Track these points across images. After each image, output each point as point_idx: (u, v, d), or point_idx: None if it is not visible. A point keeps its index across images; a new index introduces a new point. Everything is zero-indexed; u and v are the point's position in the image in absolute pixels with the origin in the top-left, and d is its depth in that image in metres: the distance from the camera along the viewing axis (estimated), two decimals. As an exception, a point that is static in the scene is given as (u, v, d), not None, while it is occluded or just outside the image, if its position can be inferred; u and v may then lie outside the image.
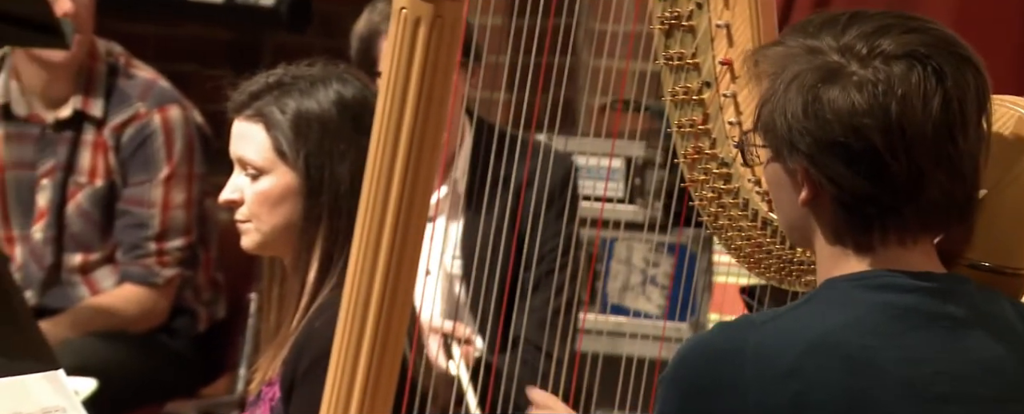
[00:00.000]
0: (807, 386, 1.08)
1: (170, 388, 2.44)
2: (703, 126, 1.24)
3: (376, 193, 1.21)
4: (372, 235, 1.22)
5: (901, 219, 1.10)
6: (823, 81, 1.09)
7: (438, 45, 1.20)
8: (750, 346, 1.09)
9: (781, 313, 1.11)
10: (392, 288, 1.23)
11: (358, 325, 1.24)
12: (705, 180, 1.25)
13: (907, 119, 1.08)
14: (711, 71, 1.24)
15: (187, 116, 2.44)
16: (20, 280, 2.31)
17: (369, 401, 1.24)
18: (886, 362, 1.09)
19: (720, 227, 1.26)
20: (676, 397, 1.11)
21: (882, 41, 1.09)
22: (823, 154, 1.09)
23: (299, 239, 1.57)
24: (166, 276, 2.41)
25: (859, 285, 1.11)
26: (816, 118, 1.08)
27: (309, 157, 1.57)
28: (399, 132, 1.20)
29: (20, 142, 2.42)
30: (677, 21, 1.24)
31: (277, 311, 1.62)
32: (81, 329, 2.36)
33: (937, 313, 1.10)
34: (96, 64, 2.41)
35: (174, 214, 2.41)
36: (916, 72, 1.08)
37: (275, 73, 1.61)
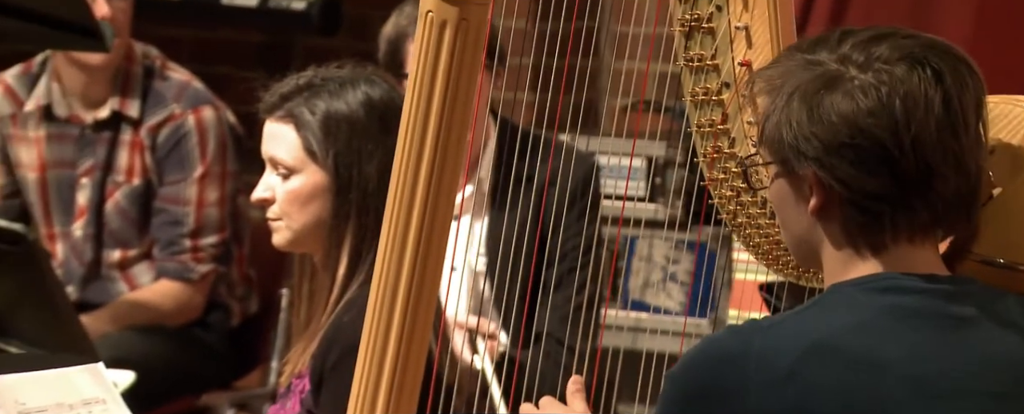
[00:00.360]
0: (807, 387, 1.08)
1: (205, 380, 2.46)
2: (722, 126, 1.24)
3: (403, 191, 1.22)
4: (399, 232, 1.23)
5: (912, 215, 1.11)
6: (825, 88, 1.10)
7: (463, 47, 1.21)
8: (754, 350, 1.09)
9: (786, 317, 1.12)
10: (418, 283, 1.23)
11: (385, 320, 1.25)
12: (724, 179, 1.25)
13: (912, 117, 1.09)
14: (730, 72, 1.24)
15: (220, 117, 2.46)
16: (61, 276, 2.34)
17: (396, 393, 1.24)
18: (888, 361, 1.09)
19: (739, 225, 1.26)
20: (680, 397, 1.11)
21: (878, 48, 1.11)
22: (831, 157, 1.10)
23: (328, 236, 1.59)
24: (201, 272, 2.43)
25: (864, 289, 1.11)
26: (822, 123, 1.10)
27: (338, 156, 1.58)
28: (425, 131, 1.21)
29: (61, 142, 2.44)
30: (697, 23, 1.24)
31: (307, 306, 1.63)
32: (120, 323, 2.38)
33: (942, 313, 1.11)
34: (133, 67, 2.43)
35: (208, 212, 2.43)
36: (916, 73, 1.10)
37: (305, 75, 1.62)
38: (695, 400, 1.10)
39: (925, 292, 1.11)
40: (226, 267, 2.47)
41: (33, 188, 2.45)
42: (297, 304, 1.65)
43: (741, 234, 1.26)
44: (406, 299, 1.23)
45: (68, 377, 1.40)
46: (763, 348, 1.09)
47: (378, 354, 1.24)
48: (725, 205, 1.25)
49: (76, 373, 1.41)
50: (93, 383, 1.42)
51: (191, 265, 2.43)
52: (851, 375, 1.08)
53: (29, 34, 2.30)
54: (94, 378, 1.42)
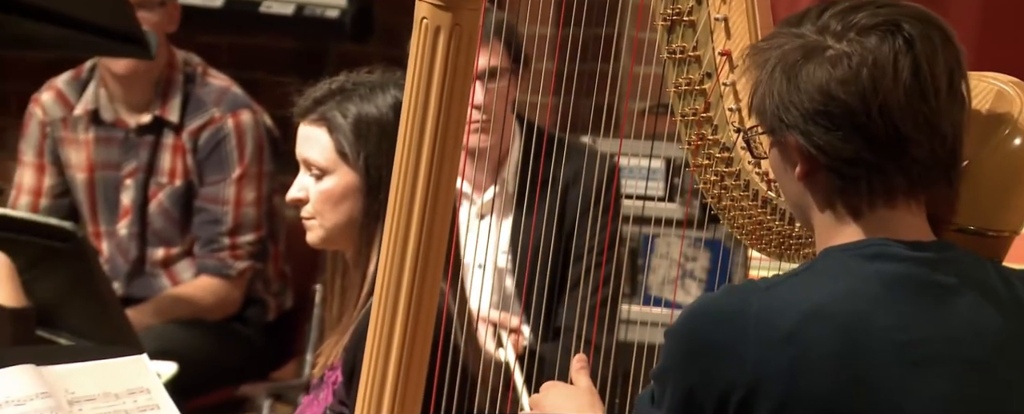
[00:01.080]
0: (804, 350, 1.09)
1: (243, 372, 2.48)
2: (705, 114, 1.25)
3: (403, 189, 1.23)
4: (401, 228, 1.23)
5: (887, 178, 1.12)
6: (804, 58, 1.12)
7: (457, 51, 1.21)
8: (753, 309, 1.10)
9: (782, 279, 1.13)
10: (421, 278, 1.23)
11: (389, 314, 1.25)
12: (708, 164, 1.26)
13: (879, 84, 1.10)
14: (711, 62, 1.24)
15: (258, 120, 2.47)
16: (108, 272, 2.36)
17: (402, 383, 1.24)
18: (878, 328, 1.10)
19: (724, 208, 1.27)
20: (680, 351, 1.12)
21: (855, 16, 1.12)
22: (809, 124, 1.11)
23: (360, 234, 1.59)
24: (239, 268, 2.45)
25: (854, 254, 1.12)
26: (799, 91, 1.11)
27: (369, 158, 1.59)
28: (423, 131, 1.22)
29: (107, 145, 2.46)
30: (678, 17, 1.24)
31: (339, 301, 1.64)
32: (163, 317, 2.40)
33: (926, 281, 1.12)
34: (174, 73, 2.45)
35: (246, 211, 2.44)
36: (887, 42, 1.11)
37: (338, 80, 1.63)
38: (695, 354, 1.11)
39: (910, 260, 1.12)
40: (263, 264, 2.48)
41: (81, 188, 2.47)
42: (330, 299, 1.66)
43: (726, 216, 1.27)
44: (409, 292, 1.23)
45: (114, 368, 1.41)
46: (762, 308, 1.10)
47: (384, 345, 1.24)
48: (710, 189, 1.26)
49: (122, 364, 1.42)
50: (138, 373, 1.42)
51: (230, 262, 2.44)
52: (843, 340, 1.09)
53: (78, 42, 2.31)
54: (139, 369, 1.43)
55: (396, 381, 1.25)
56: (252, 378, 2.47)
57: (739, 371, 1.10)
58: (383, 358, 1.25)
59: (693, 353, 1.11)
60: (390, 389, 1.25)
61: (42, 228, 1.87)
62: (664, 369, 1.13)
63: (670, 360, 1.12)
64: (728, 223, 1.27)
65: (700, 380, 1.11)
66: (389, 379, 1.25)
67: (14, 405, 1.33)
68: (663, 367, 1.13)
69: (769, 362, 1.09)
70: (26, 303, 1.75)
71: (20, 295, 1.73)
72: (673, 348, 1.12)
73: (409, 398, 1.25)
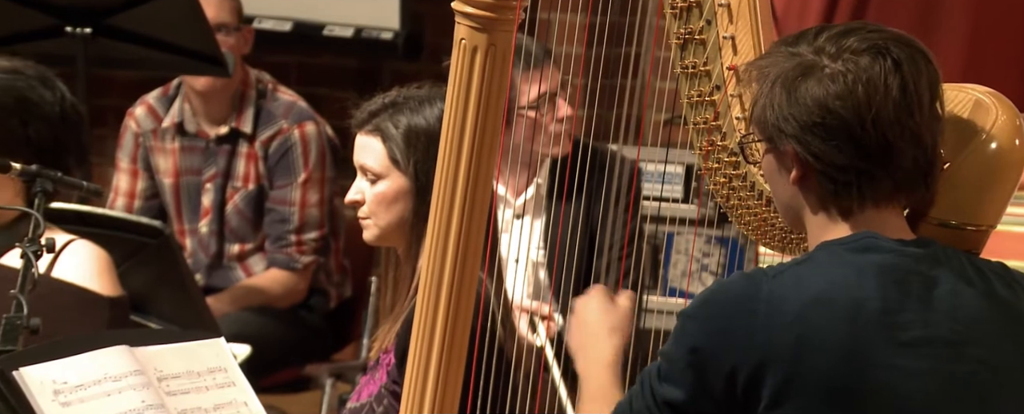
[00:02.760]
0: (809, 331, 1.11)
1: (307, 354, 2.50)
2: (715, 122, 1.27)
3: (444, 189, 1.24)
4: (442, 224, 1.24)
5: (875, 183, 1.14)
6: (802, 75, 1.14)
7: (492, 67, 1.23)
8: (763, 294, 1.12)
9: (788, 267, 1.15)
10: (460, 270, 1.24)
11: (433, 300, 1.25)
12: (718, 168, 1.28)
13: (872, 100, 1.13)
14: (720, 76, 1.26)
15: (320, 131, 2.51)
16: (191, 265, 2.41)
17: (445, 365, 1.25)
18: (871, 312, 1.13)
19: (732, 206, 1.28)
20: (695, 331, 1.13)
21: (847, 40, 1.15)
22: (806, 134, 1.14)
23: (410, 232, 1.62)
24: (304, 262, 2.48)
25: (847, 247, 1.15)
26: (798, 105, 1.14)
27: (418, 164, 1.61)
28: (462, 139, 1.23)
29: (190, 153, 2.51)
30: (691, 36, 1.26)
31: (392, 292, 1.66)
32: (238, 305, 2.44)
33: (911, 270, 1.14)
34: (248, 89, 2.49)
35: (310, 211, 2.49)
36: (878, 63, 1.14)
37: (390, 94, 1.65)
38: (710, 334, 1.12)
39: (896, 252, 1.15)
40: (325, 258, 2.52)
41: (169, 191, 2.52)
42: (384, 290, 1.68)
43: (734, 214, 1.29)
44: (450, 283, 1.24)
45: (196, 349, 1.42)
46: (771, 293, 1.12)
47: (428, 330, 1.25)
48: (719, 190, 1.28)
49: (203, 346, 1.43)
50: (216, 354, 1.43)
51: (296, 256, 2.48)
52: (842, 323, 1.12)
53: (166, 62, 2.36)
54: (217, 350, 1.43)
55: (439, 363, 1.25)
56: (316, 359, 2.49)
57: (750, 349, 1.11)
58: (428, 341, 1.26)
59: (708, 333, 1.12)
60: (434, 370, 1.26)
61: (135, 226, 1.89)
62: (676, 347, 1.14)
63: (684, 339, 1.13)
64: (736, 220, 1.29)
65: (713, 357, 1.12)
66: (433, 361, 1.26)
67: (111, 381, 1.35)
68: (675, 345, 1.14)
69: (777, 341, 1.11)
70: (121, 292, 1.73)
71: (116, 285, 1.72)
72: (688, 328, 1.14)
73: (451, 378, 1.26)
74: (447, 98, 1.26)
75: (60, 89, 1.73)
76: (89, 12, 2.28)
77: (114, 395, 1.35)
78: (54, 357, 1.34)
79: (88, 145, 1.77)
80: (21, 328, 1.49)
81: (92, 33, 2.27)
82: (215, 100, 2.46)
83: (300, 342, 2.49)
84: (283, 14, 2.91)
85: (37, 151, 1.68)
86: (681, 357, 1.13)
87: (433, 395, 1.26)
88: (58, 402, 1.32)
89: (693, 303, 1.15)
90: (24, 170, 1.64)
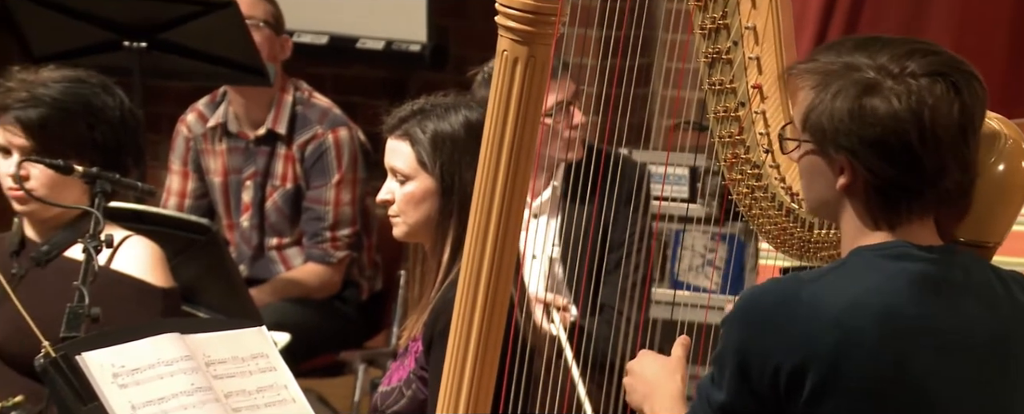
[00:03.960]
0: (847, 334, 1.11)
1: (342, 341, 2.52)
2: (739, 136, 1.27)
3: (485, 189, 1.26)
4: (482, 222, 1.26)
5: (923, 201, 1.14)
6: (865, 93, 1.12)
7: (531, 78, 1.25)
8: (803, 298, 1.11)
9: (824, 273, 1.14)
10: (498, 266, 1.26)
11: (471, 295, 1.27)
12: (741, 179, 1.28)
13: (936, 123, 1.12)
14: (745, 94, 1.26)
15: (353, 135, 2.52)
16: (235, 257, 2.44)
17: (482, 352, 1.26)
18: (906, 317, 1.12)
19: (753, 215, 1.28)
20: (738, 334, 1.13)
21: (909, 63, 1.13)
22: (864, 149, 1.12)
23: (436, 230, 1.63)
24: (339, 257, 2.50)
25: (881, 255, 1.14)
26: (860, 121, 1.12)
27: (443, 167, 1.62)
28: (501, 145, 1.25)
29: (233, 153, 2.53)
30: (718, 55, 1.26)
31: (419, 284, 1.67)
32: (278, 296, 2.46)
33: (941, 278, 1.14)
34: (286, 96, 2.51)
35: (343, 210, 2.50)
36: (939, 86, 1.12)
37: (418, 102, 1.66)
38: (752, 336, 1.11)
39: (927, 260, 1.14)
40: (358, 253, 2.53)
41: (218, 189, 2.53)
42: (412, 283, 1.69)
43: (755, 222, 1.28)
44: (488, 278, 1.26)
45: (241, 336, 1.43)
46: (810, 297, 1.11)
47: (466, 320, 1.26)
48: (742, 200, 1.28)
49: (247, 333, 1.43)
50: (259, 341, 1.43)
51: (331, 251, 2.50)
52: (879, 327, 1.11)
53: (213, 73, 2.40)
54: (260, 338, 1.43)
55: (477, 349, 1.26)
56: (349, 346, 2.51)
57: (790, 349, 1.10)
58: (466, 328, 1.27)
59: (751, 335, 1.12)
60: (472, 355, 1.26)
61: (186, 224, 1.89)
62: (723, 352, 1.13)
63: (729, 342, 1.12)
64: (757, 228, 1.28)
65: (756, 358, 1.11)
66: (471, 347, 1.26)
67: (164, 365, 1.38)
68: (722, 350, 1.13)
69: (817, 342, 1.10)
70: (173, 284, 1.76)
71: (169, 277, 1.75)
72: (731, 333, 1.13)
73: (488, 362, 1.26)
74: (489, 104, 1.26)
75: (119, 96, 1.76)
76: (144, 28, 2.32)
77: (166, 378, 1.37)
78: (112, 343, 1.37)
79: (144, 148, 1.79)
80: (83, 316, 1.52)
81: (147, 47, 2.32)
82: (255, 104, 2.48)
83: (335, 330, 2.51)
84: (320, 29, 2.93)
85: (101, 152, 1.71)
86: (728, 361, 1.13)
87: (471, 380, 1.27)
88: (116, 384, 1.35)
89: (734, 309, 1.14)
90: (86, 172, 1.66)
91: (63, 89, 1.72)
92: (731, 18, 1.25)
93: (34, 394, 1.63)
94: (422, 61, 2.90)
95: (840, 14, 2.03)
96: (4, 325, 1.69)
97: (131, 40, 2.31)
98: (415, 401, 1.62)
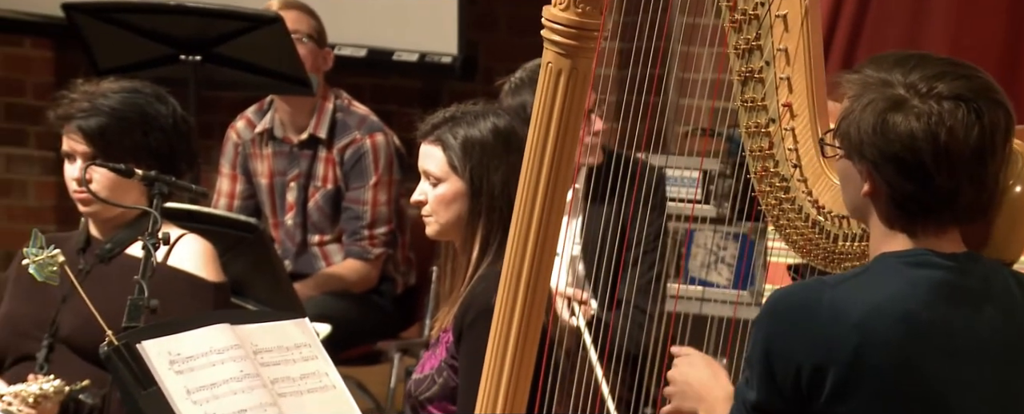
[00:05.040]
0: (868, 337, 1.10)
1: (378, 332, 2.54)
2: (769, 151, 1.27)
3: (527, 193, 1.26)
4: (524, 222, 1.27)
5: (939, 217, 1.13)
6: (891, 109, 1.12)
7: (574, 88, 1.25)
8: (825, 301, 1.11)
9: (847, 278, 1.14)
10: (537, 265, 1.27)
11: (512, 292, 1.27)
12: (770, 191, 1.27)
13: (952, 146, 1.11)
14: (776, 111, 1.26)
15: (389, 140, 2.54)
16: (280, 253, 2.46)
17: (521, 345, 1.27)
18: (924, 323, 1.11)
19: (781, 226, 1.28)
20: (765, 335, 1.12)
21: (938, 84, 1.12)
22: (884, 162, 1.12)
23: (465, 229, 1.64)
24: (376, 253, 2.52)
25: (903, 261, 1.13)
26: (883, 136, 1.12)
27: (473, 170, 1.63)
28: (544, 151, 1.25)
29: (277, 157, 2.55)
30: (751, 74, 1.26)
31: (450, 279, 1.68)
32: (319, 290, 2.48)
33: (960, 285, 1.13)
34: (327, 104, 2.53)
35: (380, 210, 2.52)
36: (961, 110, 1.11)
37: (450, 110, 1.68)
38: (777, 336, 1.11)
39: (947, 268, 1.13)
40: (393, 250, 2.54)
41: (264, 190, 2.56)
42: (443, 278, 1.70)
43: (783, 233, 1.27)
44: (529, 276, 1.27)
45: (286, 327, 1.43)
46: (833, 300, 1.11)
47: (508, 314, 1.27)
48: (771, 210, 1.27)
49: (291, 324, 1.44)
50: (302, 332, 1.44)
51: (369, 248, 2.52)
52: (898, 332, 1.11)
53: (261, 84, 2.43)
54: (303, 329, 1.44)
55: (517, 342, 1.26)
56: (385, 337, 2.53)
57: (813, 348, 1.10)
58: (507, 320, 1.27)
59: (776, 335, 1.11)
60: (512, 344, 1.27)
61: (235, 223, 1.92)
62: (752, 352, 1.13)
63: (757, 342, 1.12)
64: (784, 238, 1.27)
65: (780, 357, 1.11)
66: (511, 341, 1.26)
67: (215, 353, 1.39)
68: (751, 351, 1.13)
69: (838, 344, 1.10)
70: (224, 278, 1.74)
71: (220, 272, 1.77)
72: (759, 334, 1.12)
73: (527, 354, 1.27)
74: (533, 112, 1.27)
75: (172, 104, 1.79)
76: (199, 43, 2.35)
77: (217, 365, 1.39)
78: (169, 333, 1.39)
79: (197, 152, 1.82)
80: (143, 308, 1.55)
81: (201, 60, 2.34)
82: (299, 111, 2.50)
83: (372, 322, 2.53)
84: (359, 42, 2.96)
85: (155, 157, 1.74)
86: (757, 361, 1.12)
87: (510, 374, 1.27)
88: (173, 370, 1.37)
89: (762, 311, 1.13)
90: (145, 176, 1.70)
91: (120, 99, 1.75)
92: (764, 40, 1.24)
93: (99, 379, 1.66)
94: (453, 72, 2.91)
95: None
96: (72, 317, 1.72)
97: (187, 54, 2.35)
98: (446, 388, 1.63)
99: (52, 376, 1.67)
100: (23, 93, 3.17)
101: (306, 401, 1.41)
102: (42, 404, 1.64)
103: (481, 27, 2.91)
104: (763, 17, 1.24)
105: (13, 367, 1.77)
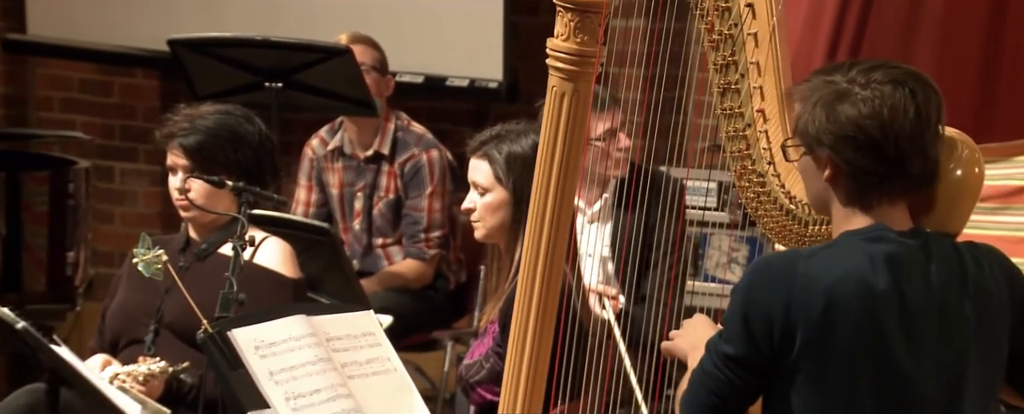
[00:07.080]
0: (834, 303, 1.15)
1: (434, 323, 2.57)
2: (746, 151, 1.31)
3: (539, 201, 1.30)
4: (536, 227, 1.31)
5: (890, 185, 1.18)
6: (837, 100, 1.18)
7: (576, 108, 1.29)
8: (800, 270, 1.16)
9: (817, 251, 1.18)
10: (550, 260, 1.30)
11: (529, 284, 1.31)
12: (748, 186, 1.31)
13: (894, 121, 1.16)
14: (751, 116, 1.30)
15: (443, 156, 2.57)
16: (348, 254, 2.50)
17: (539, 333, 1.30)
18: (881, 291, 1.16)
19: (759, 215, 1.31)
20: (744, 295, 1.17)
21: (874, 74, 1.18)
22: (840, 144, 1.17)
23: (509, 233, 1.68)
24: (431, 254, 2.55)
25: (862, 238, 1.18)
26: (835, 122, 1.17)
27: (516, 181, 1.67)
28: (552, 162, 1.29)
29: (346, 171, 2.60)
30: (728, 85, 1.30)
31: (496, 277, 1.72)
32: (383, 286, 2.52)
33: (911, 257, 1.18)
34: (389, 124, 2.57)
35: (435, 216, 2.55)
36: (898, 91, 1.17)
37: (496, 128, 1.71)
38: (754, 298, 1.16)
39: (898, 242, 1.18)
40: (446, 251, 2.58)
41: (335, 200, 2.61)
42: (489, 276, 1.74)
43: (760, 221, 1.32)
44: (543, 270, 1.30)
45: (353, 318, 1.46)
46: (806, 269, 1.16)
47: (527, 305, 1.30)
48: (749, 203, 1.31)
49: (358, 316, 1.47)
50: (368, 322, 1.46)
51: (425, 250, 2.55)
52: (859, 299, 1.15)
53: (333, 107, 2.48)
54: (368, 319, 1.47)
55: (535, 332, 1.30)
56: (440, 327, 2.56)
57: (786, 309, 1.14)
58: (525, 314, 1.31)
59: (755, 297, 1.16)
60: (531, 336, 1.30)
61: (310, 227, 1.97)
62: (731, 311, 1.17)
63: (736, 303, 1.17)
64: (762, 226, 1.32)
65: (757, 311, 1.15)
66: (530, 330, 1.30)
67: (294, 340, 1.43)
68: (730, 310, 1.17)
69: (807, 307, 1.14)
70: (301, 276, 1.79)
71: (297, 270, 1.78)
72: (738, 295, 1.17)
73: (543, 344, 1.30)
74: (541, 130, 1.31)
75: (258, 124, 1.86)
76: (280, 72, 2.42)
77: (296, 350, 1.43)
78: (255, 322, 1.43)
79: (279, 166, 1.88)
80: (233, 301, 1.61)
81: (282, 87, 2.41)
82: (365, 131, 2.55)
83: (428, 314, 2.56)
84: (416, 70, 3.00)
85: (244, 171, 1.81)
86: (735, 319, 1.16)
87: (530, 355, 1.31)
88: (258, 355, 1.41)
89: (743, 276, 1.18)
90: (235, 186, 1.77)
91: (215, 120, 1.82)
92: (739, 55, 1.30)
93: (197, 361, 1.72)
94: (499, 95, 2.95)
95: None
96: (174, 306, 1.79)
97: (270, 81, 2.42)
98: (493, 372, 1.66)
99: (158, 358, 1.74)
100: (135, 116, 3.29)
101: (371, 382, 1.44)
102: (150, 382, 1.71)
103: (522, 57, 2.94)
104: (737, 36, 1.28)
105: (125, 350, 1.84)
